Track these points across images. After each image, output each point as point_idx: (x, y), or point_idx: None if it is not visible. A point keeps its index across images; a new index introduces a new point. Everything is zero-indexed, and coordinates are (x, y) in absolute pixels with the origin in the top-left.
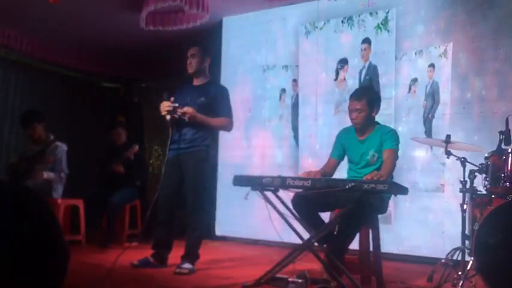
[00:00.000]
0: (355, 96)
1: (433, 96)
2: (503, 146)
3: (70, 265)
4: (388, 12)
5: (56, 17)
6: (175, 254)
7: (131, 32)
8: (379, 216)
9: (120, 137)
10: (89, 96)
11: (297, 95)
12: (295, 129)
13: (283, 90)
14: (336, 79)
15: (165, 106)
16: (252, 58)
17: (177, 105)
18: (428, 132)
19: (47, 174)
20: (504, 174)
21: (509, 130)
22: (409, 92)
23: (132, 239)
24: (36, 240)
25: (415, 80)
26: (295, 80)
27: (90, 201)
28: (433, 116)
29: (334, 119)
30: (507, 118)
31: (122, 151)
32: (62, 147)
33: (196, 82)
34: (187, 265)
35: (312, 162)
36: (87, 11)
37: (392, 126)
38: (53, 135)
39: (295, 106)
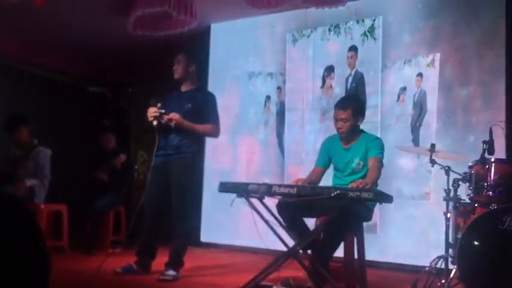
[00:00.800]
0: (340, 105)
1: (420, 105)
2: (486, 156)
3: (52, 272)
4: (374, 20)
5: (43, 19)
6: (160, 261)
7: (118, 36)
8: (365, 224)
9: (109, 142)
10: (74, 101)
11: (282, 103)
12: (280, 136)
13: (268, 98)
14: (322, 86)
15: (152, 112)
16: (239, 64)
17: (163, 111)
18: (416, 141)
19: (30, 182)
20: (487, 183)
21: (493, 140)
22: (397, 100)
23: (116, 245)
24: (16, 250)
25: (403, 89)
26: (279, 88)
27: (74, 207)
28: (420, 125)
29: (321, 126)
30: (490, 128)
31: (111, 157)
32: (46, 152)
33: (184, 88)
34: (171, 272)
35: (298, 169)
36: (74, 14)
37: (378, 134)
38: (36, 139)
39: (279, 114)
